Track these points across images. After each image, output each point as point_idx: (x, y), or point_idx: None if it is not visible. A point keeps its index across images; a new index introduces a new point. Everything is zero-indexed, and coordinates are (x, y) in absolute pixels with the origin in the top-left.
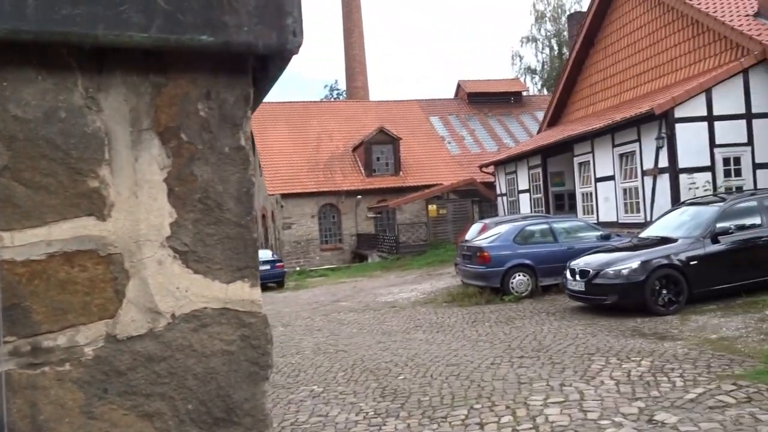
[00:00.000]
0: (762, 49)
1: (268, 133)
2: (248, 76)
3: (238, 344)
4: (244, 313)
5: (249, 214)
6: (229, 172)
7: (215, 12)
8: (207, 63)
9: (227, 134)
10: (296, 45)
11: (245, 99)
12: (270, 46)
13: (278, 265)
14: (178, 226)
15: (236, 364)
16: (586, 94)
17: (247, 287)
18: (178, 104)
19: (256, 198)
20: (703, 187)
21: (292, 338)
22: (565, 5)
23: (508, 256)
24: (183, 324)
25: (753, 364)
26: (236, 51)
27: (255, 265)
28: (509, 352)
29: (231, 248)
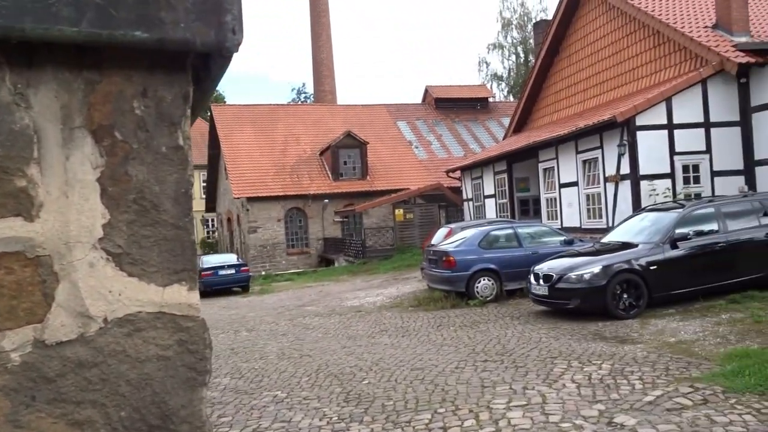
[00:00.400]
0: (720, 60)
1: (234, 135)
2: (187, 74)
3: (175, 349)
4: (181, 317)
5: (187, 216)
6: (167, 172)
7: (150, 8)
8: (143, 60)
9: (164, 133)
10: (236, 43)
11: (184, 97)
12: (208, 44)
13: (243, 269)
14: (111, 227)
15: (173, 370)
16: (551, 101)
17: (185, 291)
18: (112, 102)
19: (222, 201)
20: (663, 194)
21: (256, 343)
22: (531, 13)
23: (473, 260)
24: (116, 329)
25: (709, 366)
26: (172, 48)
27: (193, 267)
28: (473, 356)
29: (168, 250)
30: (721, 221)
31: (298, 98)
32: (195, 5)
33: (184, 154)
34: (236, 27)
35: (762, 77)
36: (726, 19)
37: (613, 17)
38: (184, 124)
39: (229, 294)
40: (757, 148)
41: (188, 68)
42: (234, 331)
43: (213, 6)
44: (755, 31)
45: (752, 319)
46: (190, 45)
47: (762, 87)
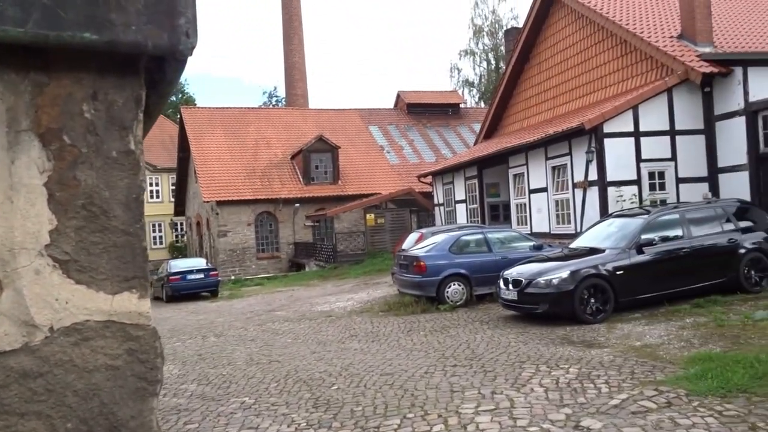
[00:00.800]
0: (685, 69)
1: (204, 138)
2: (140, 77)
3: (124, 359)
4: (131, 326)
5: (138, 222)
6: (117, 177)
7: (100, 9)
8: (94, 62)
9: (115, 137)
10: (189, 46)
11: (136, 101)
12: (161, 47)
13: (212, 273)
14: (58, 233)
15: (122, 380)
16: (521, 107)
17: (135, 298)
18: (61, 105)
19: (191, 205)
20: (629, 200)
21: (224, 349)
22: (502, 20)
23: (443, 265)
24: (62, 338)
25: (674, 370)
26: (123, 50)
27: (144, 275)
28: (443, 360)
29: (118, 257)
30: (686, 227)
31: (270, 102)
32: (147, 8)
33: (135, 158)
34: (190, 30)
35: (725, 87)
36: (690, 30)
37: (582, 26)
38: (136, 128)
39: (198, 299)
40: (720, 156)
41: (141, 71)
42: (202, 337)
43: (166, 9)
44: (718, 42)
45: (715, 323)
46: (141, 48)
47: (725, 96)
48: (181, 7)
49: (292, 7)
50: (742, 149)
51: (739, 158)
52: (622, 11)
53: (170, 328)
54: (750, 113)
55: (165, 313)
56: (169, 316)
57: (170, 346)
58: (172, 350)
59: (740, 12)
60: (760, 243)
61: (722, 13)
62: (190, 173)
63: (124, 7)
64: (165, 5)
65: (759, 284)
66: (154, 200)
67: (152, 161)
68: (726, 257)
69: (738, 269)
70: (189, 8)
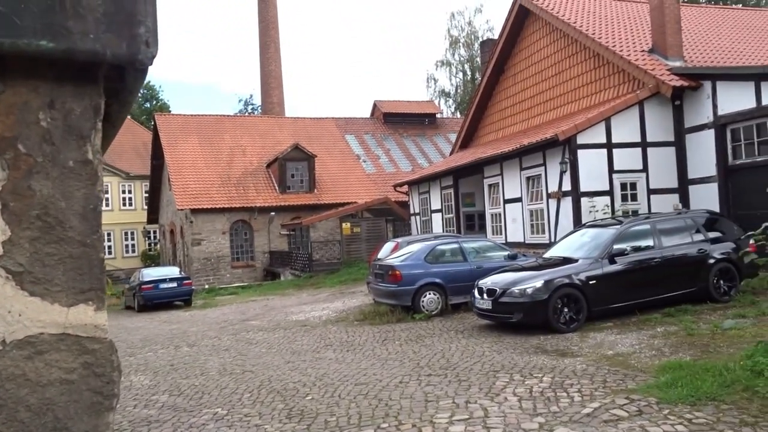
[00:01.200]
0: (655, 82)
1: (178, 145)
2: (98, 86)
3: (80, 372)
4: (86, 339)
5: (95, 233)
6: (74, 187)
7: (57, 17)
8: (51, 70)
9: (72, 147)
10: (149, 56)
11: (95, 110)
12: (120, 56)
13: (186, 282)
14: (12, 244)
15: (77, 394)
16: (497, 118)
17: (91, 311)
18: (16, 113)
19: (164, 212)
20: (602, 210)
21: (197, 359)
22: (478, 32)
23: (419, 274)
24: (15, 351)
25: (645, 378)
26: (80, 59)
27: (101, 286)
28: (418, 370)
29: (74, 269)
30: (657, 237)
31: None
32: (106, 16)
33: (93, 168)
34: (150, 39)
35: (695, 100)
36: (661, 44)
37: (556, 39)
38: (94, 138)
39: (171, 308)
40: (690, 167)
41: (100, 80)
42: (174, 347)
43: (125, 17)
44: (688, 57)
45: (685, 332)
46: (99, 56)
47: (695, 109)
48: (140, 16)
49: (268, 15)
50: (711, 161)
51: (708, 170)
52: (595, 25)
53: (142, 338)
54: (719, 126)
55: (137, 323)
56: (141, 326)
57: (142, 356)
58: (143, 360)
59: (709, 27)
60: (728, 253)
61: (692, 28)
62: (164, 181)
63: (82, 16)
64: (124, 14)
65: (728, 294)
66: (126, 208)
67: (125, 168)
68: (696, 267)
69: (707, 279)
70: (149, 17)
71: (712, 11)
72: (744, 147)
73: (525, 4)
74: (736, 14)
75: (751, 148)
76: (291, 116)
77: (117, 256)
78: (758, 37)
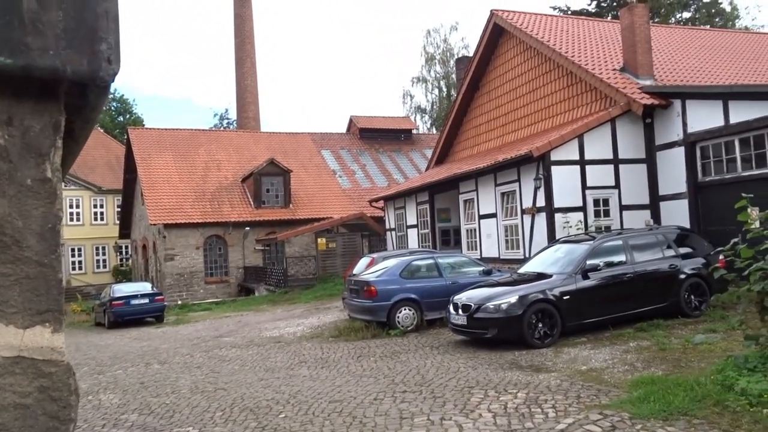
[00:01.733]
0: (627, 100)
1: (152, 160)
2: (59, 103)
3: (35, 396)
4: (43, 362)
5: (54, 253)
6: (32, 206)
7: (16, 32)
8: (9, 87)
9: (30, 165)
10: (111, 72)
11: (54, 127)
12: (80, 73)
13: (158, 298)
14: None
15: (32, 419)
16: (472, 134)
17: (48, 333)
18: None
19: (137, 227)
20: (575, 226)
21: (168, 376)
22: (453, 49)
23: (394, 290)
24: None
25: (618, 393)
26: (39, 76)
27: (59, 308)
28: (393, 386)
29: (30, 290)
30: (629, 253)
31: (221, 124)
32: (66, 32)
33: (52, 186)
34: (112, 56)
35: (665, 118)
36: (632, 63)
37: (530, 57)
38: (53, 156)
39: (142, 324)
40: (661, 184)
41: (60, 97)
42: (145, 364)
43: (86, 34)
44: (658, 75)
45: (657, 346)
46: (59, 73)
47: (665, 127)
48: (102, 32)
49: (244, 30)
50: (681, 178)
51: (678, 187)
52: (567, 44)
53: (112, 356)
54: (689, 144)
55: (107, 340)
56: (110, 343)
57: (111, 374)
58: (113, 378)
59: (679, 47)
60: (699, 269)
61: (662, 48)
62: (137, 195)
63: (42, 32)
64: (85, 30)
65: (699, 308)
66: (98, 222)
67: (97, 182)
68: (667, 282)
69: (679, 294)
70: (111, 34)
71: (681, 32)
72: (713, 164)
73: (499, 22)
74: (705, 35)
75: (720, 166)
76: (267, 131)
77: (88, 272)
78: (726, 58)
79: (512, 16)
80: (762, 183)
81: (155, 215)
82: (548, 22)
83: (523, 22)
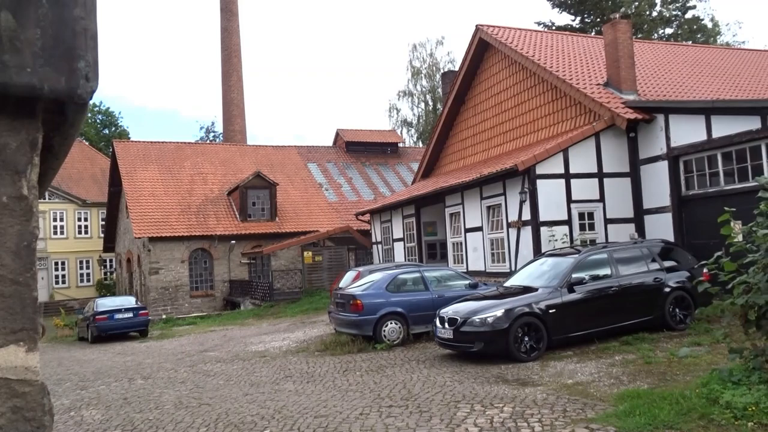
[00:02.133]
0: (611, 115)
1: (137, 173)
2: (36, 120)
3: (8, 417)
4: (16, 382)
5: (29, 271)
6: (7, 224)
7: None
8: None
9: (7, 182)
10: (89, 90)
11: (32, 144)
12: (58, 91)
13: (142, 312)
14: None
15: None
16: (458, 148)
17: (22, 352)
18: None
19: (121, 241)
20: (561, 240)
21: (152, 392)
22: (439, 63)
23: (380, 304)
24: None
25: (604, 407)
26: (16, 93)
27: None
28: (378, 401)
29: (5, 308)
30: (614, 266)
31: (207, 137)
32: (44, 50)
33: (28, 204)
34: (90, 74)
35: (648, 132)
36: (616, 78)
37: (515, 71)
38: (30, 173)
39: (126, 339)
40: (645, 197)
41: (38, 114)
42: (128, 379)
43: (64, 52)
44: (642, 90)
45: (643, 360)
46: (36, 91)
47: (649, 141)
48: (80, 50)
49: (231, 44)
50: (665, 192)
51: (662, 200)
52: (552, 59)
53: (95, 371)
54: (672, 158)
55: (90, 355)
56: (94, 358)
57: (94, 389)
58: (95, 394)
59: (661, 63)
60: (683, 282)
61: (645, 63)
62: (122, 208)
63: (19, 49)
64: (63, 48)
65: (683, 322)
66: (82, 236)
67: (82, 195)
68: (652, 295)
69: (664, 307)
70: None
71: (664, 47)
72: (696, 178)
73: (484, 37)
74: (687, 51)
75: (703, 179)
76: (253, 144)
77: (71, 286)
78: (707, 73)
79: (497, 31)
80: (745, 197)
81: (140, 228)
82: (533, 37)
83: (508, 37)
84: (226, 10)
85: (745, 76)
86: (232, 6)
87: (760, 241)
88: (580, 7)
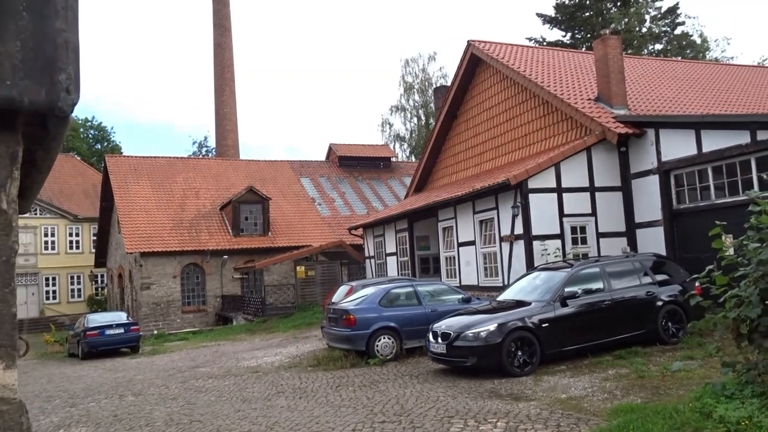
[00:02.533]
0: (602, 130)
1: (129, 187)
2: (16, 134)
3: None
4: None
5: (8, 286)
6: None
7: None
8: None
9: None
10: (70, 103)
11: (11, 158)
12: (38, 103)
13: (133, 328)
14: None
15: None
16: (450, 162)
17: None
18: None
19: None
20: (553, 254)
21: (143, 409)
22: (431, 78)
23: (373, 318)
24: None
25: (597, 422)
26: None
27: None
28: (371, 417)
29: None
30: (606, 280)
31: (200, 152)
32: (24, 62)
33: (8, 218)
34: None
35: (639, 147)
36: (606, 93)
37: (507, 86)
38: (9, 187)
39: (117, 355)
40: (637, 211)
41: (18, 127)
42: (119, 396)
43: (45, 64)
44: (632, 105)
45: (636, 374)
46: (16, 104)
47: (640, 156)
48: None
49: (224, 59)
50: (656, 206)
51: (654, 214)
52: (543, 74)
53: (85, 387)
54: (663, 172)
55: (80, 371)
56: (84, 374)
57: (83, 406)
58: (85, 411)
59: (651, 78)
60: (676, 296)
61: (635, 78)
62: (114, 223)
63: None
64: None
65: (676, 336)
66: (73, 251)
67: (73, 210)
68: (645, 309)
69: (656, 321)
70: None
71: (654, 63)
72: (687, 192)
73: (476, 53)
74: (676, 66)
75: (694, 193)
76: (245, 158)
77: (62, 301)
78: (697, 88)
79: (489, 46)
80: (735, 210)
81: (132, 243)
82: (524, 52)
83: (499, 52)
84: (219, 25)
85: (735, 91)
86: (225, 22)
87: (751, 255)
88: (571, 23)
